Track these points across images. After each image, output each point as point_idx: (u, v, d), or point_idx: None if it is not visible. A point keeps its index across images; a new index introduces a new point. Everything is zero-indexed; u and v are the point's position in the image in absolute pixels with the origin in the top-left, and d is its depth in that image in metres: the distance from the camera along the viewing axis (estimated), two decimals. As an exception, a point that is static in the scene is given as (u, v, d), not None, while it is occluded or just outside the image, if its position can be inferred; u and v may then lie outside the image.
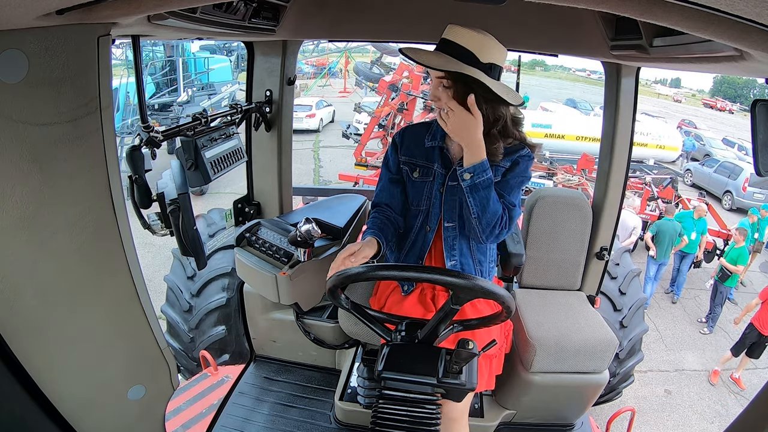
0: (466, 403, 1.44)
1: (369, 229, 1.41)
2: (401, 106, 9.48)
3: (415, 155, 1.46)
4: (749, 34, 0.63)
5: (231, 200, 2.33)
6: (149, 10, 0.81)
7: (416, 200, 1.48)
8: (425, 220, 1.48)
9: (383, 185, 1.53)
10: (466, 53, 1.24)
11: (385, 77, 10.90)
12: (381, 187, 1.53)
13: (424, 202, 1.47)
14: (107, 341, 0.99)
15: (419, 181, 1.46)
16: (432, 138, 1.45)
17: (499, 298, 1.07)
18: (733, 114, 31.60)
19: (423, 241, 1.49)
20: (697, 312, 6.66)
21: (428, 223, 1.47)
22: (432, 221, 1.47)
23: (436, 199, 1.45)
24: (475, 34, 1.25)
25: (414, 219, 1.50)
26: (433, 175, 1.44)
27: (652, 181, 9.11)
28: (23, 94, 0.73)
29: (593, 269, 2.21)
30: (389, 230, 1.43)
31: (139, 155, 1.24)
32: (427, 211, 1.47)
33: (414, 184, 1.48)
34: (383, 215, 1.46)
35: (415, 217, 1.50)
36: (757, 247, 7.38)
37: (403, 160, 1.48)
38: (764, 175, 0.82)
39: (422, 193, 1.46)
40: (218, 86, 14.01)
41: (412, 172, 1.47)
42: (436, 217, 1.46)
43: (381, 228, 1.41)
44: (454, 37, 1.25)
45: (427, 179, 1.45)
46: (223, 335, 2.95)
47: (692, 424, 4.65)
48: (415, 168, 1.46)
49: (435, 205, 1.45)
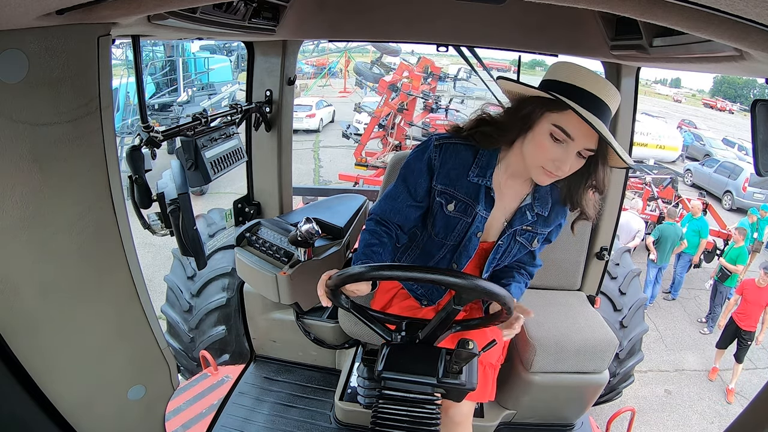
0: (470, 408, 1.40)
1: (362, 253, 1.21)
2: (401, 106, 9.47)
3: (456, 186, 1.21)
4: (749, 34, 0.63)
5: (231, 200, 2.33)
6: (149, 10, 0.81)
7: (443, 234, 1.27)
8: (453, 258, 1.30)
9: (398, 207, 1.27)
10: (606, 109, 1.04)
11: (385, 77, 10.90)
12: (393, 207, 1.27)
13: (454, 239, 1.27)
14: (107, 341, 0.99)
15: (454, 216, 1.24)
16: (480, 174, 1.20)
17: (501, 299, 1.07)
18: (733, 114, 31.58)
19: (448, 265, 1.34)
20: (697, 312, 6.65)
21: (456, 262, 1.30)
22: (462, 262, 1.29)
23: (470, 241, 1.26)
24: (606, 83, 1.05)
25: (437, 249, 1.32)
26: (473, 216, 1.23)
27: (652, 181, 9.10)
28: (23, 94, 0.73)
29: (593, 269, 2.21)
30: (386, 244, 1.25)
31: (139, 155, 1.24)
32: (456, 249, 1.29)
33: (445, 218, 1.25)
34: (387, 235, 1.26)
35: (439, 248, 1.31)
36: (757, 247, 7.39)
37: (439, 189, 1.23)
38: (764, 175, 0.82)
39: (454, 230, 1.26)
40: (218, 86, 14.00)
41: (447, 204, 1.23)
42: (467, 260, 1.29)
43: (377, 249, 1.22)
44: (606, 97, 1.03)
45: (465, 218, 1.23)
46: (223, 335, 2.94)
47: (692, 424, 4.64)
48: (451, 200, 1.23)
49: (467, 247, 1.27)
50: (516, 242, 1.29)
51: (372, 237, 1.24)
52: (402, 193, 1.27)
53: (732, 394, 5.02)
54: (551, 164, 1.07)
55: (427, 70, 9.77)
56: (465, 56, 2.24)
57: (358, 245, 1.28)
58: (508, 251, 1.31)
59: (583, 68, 1.05)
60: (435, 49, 2.05)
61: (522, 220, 1.25)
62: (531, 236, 1.30)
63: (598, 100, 1.02)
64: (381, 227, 1.27)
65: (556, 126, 1.04)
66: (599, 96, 1.02)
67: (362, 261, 1.18)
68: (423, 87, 9.59)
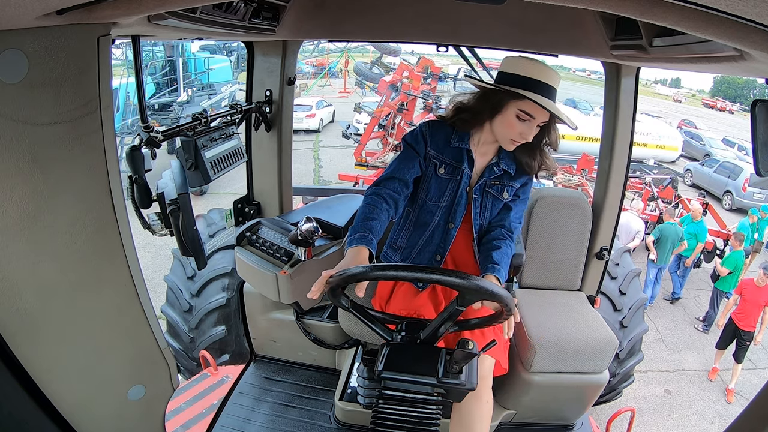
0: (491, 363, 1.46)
1: (361, 225, 1.31)
2: (401, 106, 9.48)
3: (444, 153, 1.49)
4: (749, 34, 0.63)
5: (231, 200, 2.33)
6: (149, 10, 0.81)
7: (437, 196, 1.50)
8: (449, 218, 1.51)
9: (405, 163, 1.47)
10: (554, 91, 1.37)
11: (385, 77, 10.90)
12: (401, 165, 1.47)
13: (446, 199, 1.50)
14: (107, 341, 0.99)
15: (445, 178, 1.49)
16: (459, 140, 1.48)
17: (502, 299, 1.08)
18: (733, 114, 31.56)
19: (443, 238, 1.53)
20: (697, 312, 6.66)
21: (452, 220, 1.51)
22: (457, 218, 1.51)
23: (462, 197, 1.49)
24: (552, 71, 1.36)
25: (430, 215, 1.52)
26: (460, 174, 1.48)
27: (652, 181, 9.11)
28: (23, 94, 0.73)
29: (593, 269, 2.21)
30: (384, 222, 1.35)
31: (139, 155, 1.24)
32: (450, 208, 1.51)
33: (438, 180, 1.50)
34: (390, 194, 1.40)
35: (432, 213, 1.52)
36: (757, 247, 7.38)
37: (432, 153, 1.49)
38: (764, 175, 0.82)
39: (445, 190, 1.50)
40: (218, 86, 13.99)
41: (438, 167, 1.49)
42: (461, 215, 1.51)
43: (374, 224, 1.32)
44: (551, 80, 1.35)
45: (454, 177, 1.49)
46: (223, 335, 2.95)
47: (692, 424, 4.64)
48: (442, 164, 1.49)
49: (460, 203, 1.50)
50: (488, 194, 1.53)
51: (372, 202, 1.39)
52: (410, 153, 1.49)
53: (732, 394, 5.02)
54: (518, 136, 1.40)
55: (427, 70, 9.78)
56: (465, 56, 2.24)
57: (356, 217, 1.38)
58: (485, 205, 1.53)
59: (535, 62, 1.36)
60: (435, 49, 2.05)
61: (489, 173, 1.51)
62: (500, 188, 1.54)
63: (549, 86, 1.35)
64: (384, 184, 1.43)
65: (521, 110, 1.36)
66: (548, 82, 1.35)
67: (359, 234, 1.29)
68: (423, 87, 9.60)
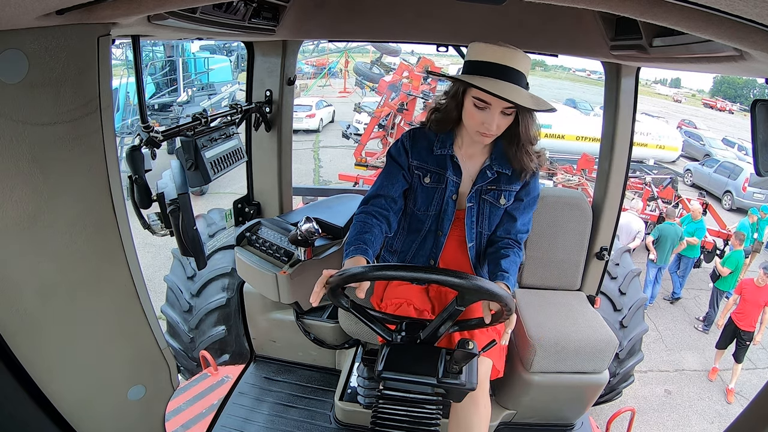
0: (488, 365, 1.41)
1: (355, 239, 1.31)
2: (401, 106, 9.48)
3: (427, 162, 1.46)
4: (749, 34, 0.63)
5: (231, 200, 2.33)
6: (149, 10, 0.81)
7: (424, 205, 1.49)
8: (437, 226, 1.50)
9: (389, 179, 1.46)
10: (522, 77, 1.25)
11: (385, 77, 10.91)
12: (385, 181, 1.47)
13: (434, 208, 1.48)
14: (107, 341, 0.99)
15: (431, 187, 1.47)
16: (442, 146, 1.45)
17: (502, 299, 1.08)
18: (733, 114, 31.53)
19: (434, 244, 1.51)
20: (697, 312, 6.66)
21: (440, 228, 1.49)
22: (444, 227, 1.49)
23: (448, 205, 1.47)
24: (521, 54, 1.25)
25: (421, 223, 1.51)
26: (445, 182, 1.46)
27: (652, 181, 9.11)
28: (23, 94, 0.73)
29: (593, 269, 2.21)
30: (378, 236, 1.35)
31: (139, 155, 1.24)
32: (438, 216, 1.49)
33: (424, 190, 1.48)
34: (378, 211, 1.40)
35: (422, 221, 1.51)
36: (757, 247, 7.38)
37: (414, 164, 1.47)
38: (764, 175, 0.82)
39: (432, 199, 1.48)
40: (218, 86, 13.99)
41: (423, 177, 1.47)
42: (449, 223, 1.48)
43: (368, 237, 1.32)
44: (510, 62, 1.23)
45: (440, 186, 1.46)
46: (223, 335, 2.94)
47: (692, 424, 4.64)
48: (426, 174, 1.46)
49: (446, 212, 1.47)
50: (484, 201, 1.47)
51: (363, 221, 1.38)
52: (394, 168, 1.48)
53: (732, 394, 5.02)
54: (482, 126, 1.30)
55: (427, 70, 9.77)
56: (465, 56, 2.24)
57: (349, 234, 1.38)
58: (482, 213, 1.48)
59: (490, 45, 1.25)
60: (435, 49, 2.05)
61: (483, 178, 1.44)
62: (496, 194, 1.47)
63: (505, 67, 1.23)
64: (373, 202, 1.43)
65: (475, 98, 1.28)
66: (505, 64, 1.23)
67: (354, 246, 1.29)
68: (423, 87, 9.59)
